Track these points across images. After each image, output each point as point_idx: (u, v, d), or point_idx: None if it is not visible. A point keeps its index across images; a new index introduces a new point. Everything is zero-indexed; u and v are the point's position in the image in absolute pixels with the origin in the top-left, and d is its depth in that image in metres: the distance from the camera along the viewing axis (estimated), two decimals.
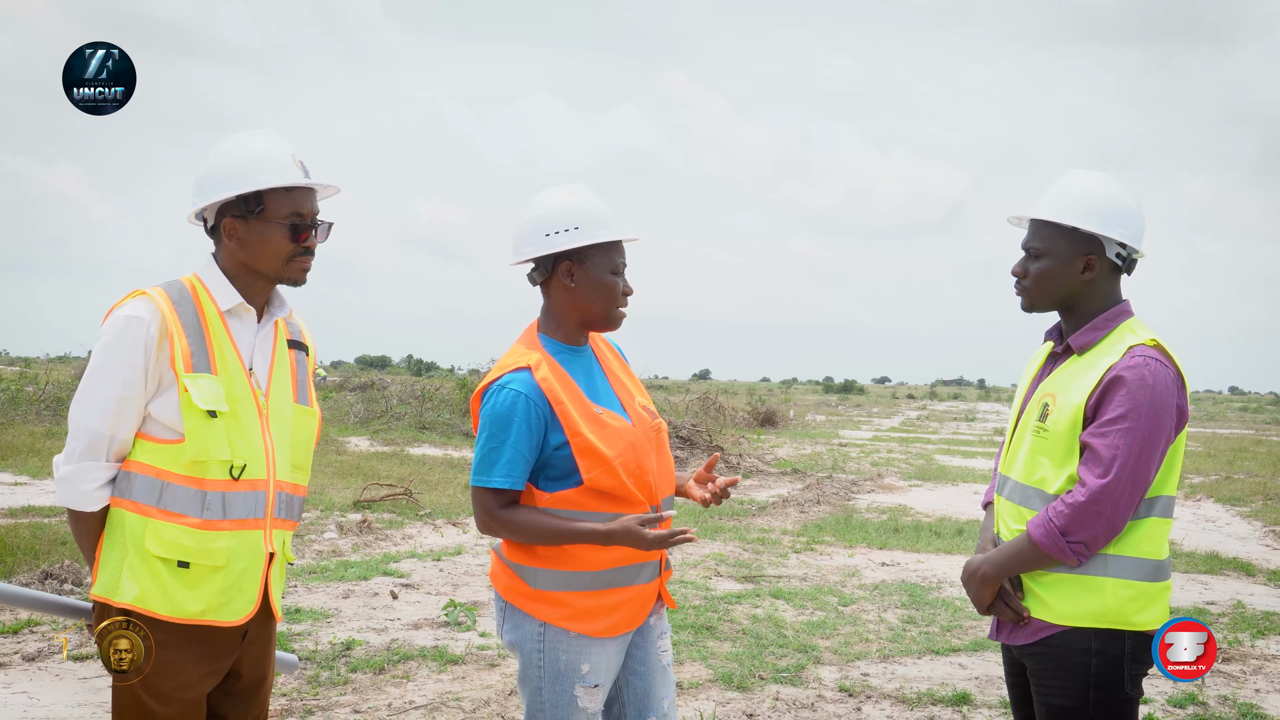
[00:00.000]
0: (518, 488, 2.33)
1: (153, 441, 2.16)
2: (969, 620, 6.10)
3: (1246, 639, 5.89)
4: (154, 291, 2.20)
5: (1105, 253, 2.34)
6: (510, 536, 2.36)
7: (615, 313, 2.45)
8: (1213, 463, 17.80)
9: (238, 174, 2.21)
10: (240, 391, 2.22)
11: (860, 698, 4.72)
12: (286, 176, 2.23)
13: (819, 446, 19.61)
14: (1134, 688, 2.29)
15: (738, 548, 8.40)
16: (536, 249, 2.40)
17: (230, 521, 2.19)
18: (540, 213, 2.41)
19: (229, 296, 2.26)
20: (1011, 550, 2.32)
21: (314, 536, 8.16)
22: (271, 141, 2.28)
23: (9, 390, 17.85)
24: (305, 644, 5.22)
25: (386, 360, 60.14)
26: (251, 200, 2.22)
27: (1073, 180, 2.39)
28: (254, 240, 2.24)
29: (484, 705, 4.43)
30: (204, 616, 2.17)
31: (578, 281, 2.41)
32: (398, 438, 17.13)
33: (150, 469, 2.15)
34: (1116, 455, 2.19)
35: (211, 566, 2.17)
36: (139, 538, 2.14)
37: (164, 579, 2.14)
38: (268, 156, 2.24)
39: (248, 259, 2.25)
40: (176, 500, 2.14)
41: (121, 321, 2.15)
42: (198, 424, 2.14)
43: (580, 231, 2.38)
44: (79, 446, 2.15)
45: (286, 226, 2.25)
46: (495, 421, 2.32)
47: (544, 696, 2.37)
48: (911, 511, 10.93)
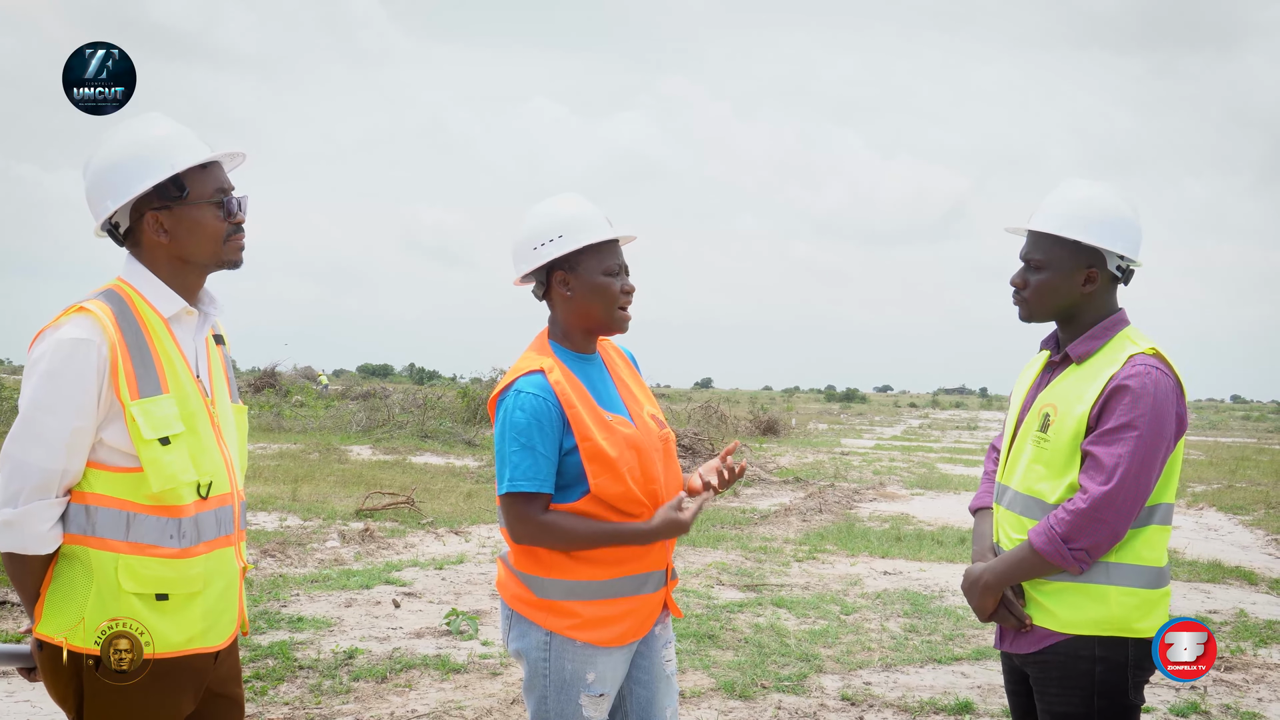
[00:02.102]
0: (549, 490, 2.31)
1: (110, 470, 1.98)
2: (971, 629, 6.09)
3: (1249, 648, 5.88)
4: (95, 306, 1.99)
5: (1106, 265, 2.35)
6: (551, 542, 2.32)
7: (616, 313, 2.45)
8: (1215, 471, 17.77)
9: (148, 163, 2.03)
10: (194, 405, 2.07)
11: (863, 706, 4.72)
12: (202, 152, 2.07)
13: (821, 455, 19.60)
14: (1137, 695, 2.29)
15: (740, 556, 8.39)
16: (529, 263, 2.42)
17: (204, 544, 2.05)
18: (528, 227, 2.44)
19: (170, 302, 2.08)
20: (1013, 559, 2.33)
21: (316, 545, 8.16)
22: (165, 121, 2.10)
23: (11, 399, 17.87)
24: (308, 653, 5.22)
25: (389, 369, 60.20)
26: (172, 186, 2.04)
27: (1072, 191, 2.39)
28: (184, 228, 2.07)
29: (486, 714, 4.43)
30: (189, 646, 2.04)
31: (573, 288, 2.41)
32: (400, 446, 17.13)
33: (113, 500, 1.97)
34: (1119, 463, 2.19)
35: (189, 594, 2.03)
36: (110, 577, 1.96)
37: (142, 615, 1.97)
38: (172, 137, 2.07)
39: (180, 250, 2.08)
40: (148, 531, 1.98)
41: (68, 346, 1.94)
42: (153, 454, 1.97)
43: (565, 239, 2.39)
44: (25, 486, 1.93)
45: (217, 205, 2.09)
46: (514, 426, 2.31)
47: (549, 705, 2.37)
48: (914, 520, 10.92)
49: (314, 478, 12.39)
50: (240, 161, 2.20)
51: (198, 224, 2.08)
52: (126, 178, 2.03)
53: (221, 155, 2.14)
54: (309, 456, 15.00)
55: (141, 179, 2.03)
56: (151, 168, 2.03)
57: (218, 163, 2.13)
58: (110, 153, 2.06)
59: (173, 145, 2.06)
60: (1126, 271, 2.38)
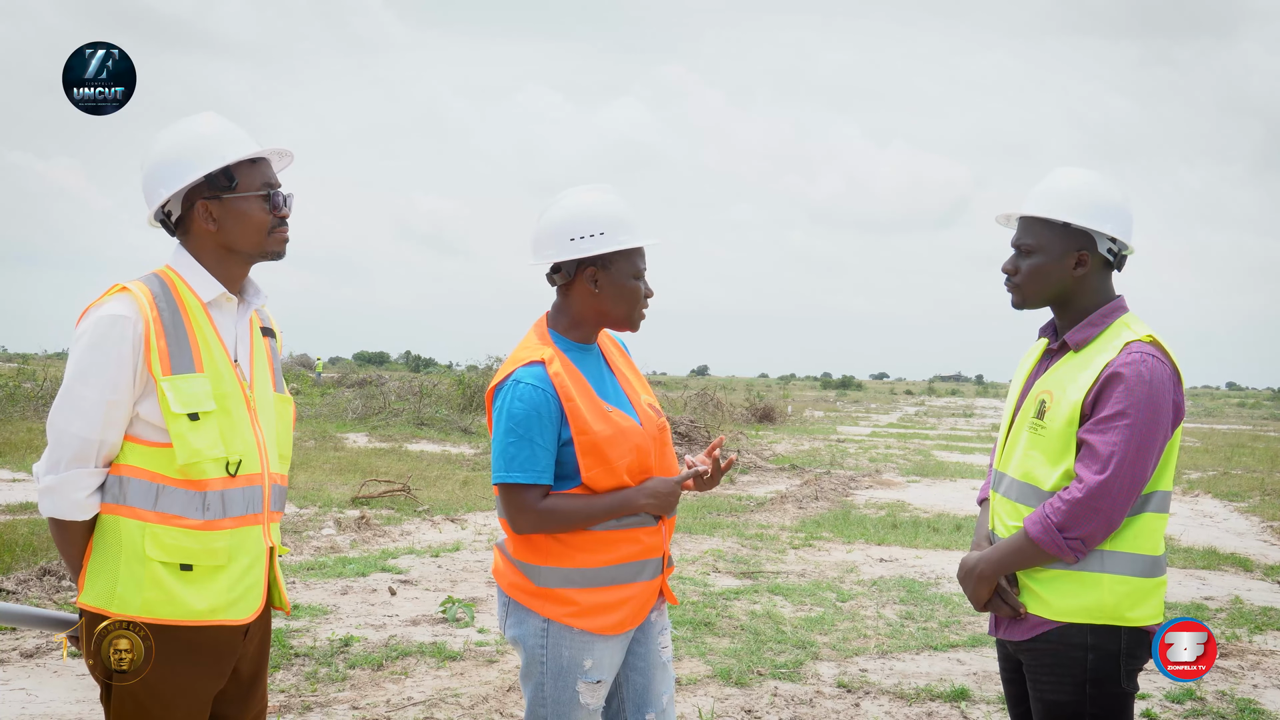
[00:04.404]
0: (547, 481, 2.31)
1: (144, 444, 2.10)
2: (967, 616, 6.10)
3: (1244, 634, 5.89)
4: (135, 287, 2.13)
5: (1097, 248, 2.35)
6: (552, 527, 2.32)
7: (636, 315, 2.44)
8: (1211, 458, 17.82)
9: (201, 154, 2.16)
10: (229, 386, 2.17)
11: (859, 693, 4.73)
12: (251, 147, 2.20)
13: (817, 442, 19.62)
14: (1130, 683, 2.29)
15: (736, 544, 8.40)
16: (560, 253, 2.37)
17: (230, 519, 2.15)
18: (565, 215, 2.38)
19: (210, 287, 2.20)
20: (1008, 547, 2.32)
21: (312, 533, 8.16)
22: (219, 119, 2.24)
23: (7, 387, 17.86)
24: (304, 640, 5.22)
25: (384, 356, 60.13)
26: (222, 177, 2.18)
27: (1061, 177, 2.40)
28: (231, 218, 2.19)
29: (482, 701, 4.44)
30: (212, 616, 2.13)
31: (601, 287, 2.38)
32: (396, 434, 17.13)
33: (144, 473, 2.09)
34: (1115, 451, 2.19)
35: (214, 566, 2.13)
36: (137, 544, 2.08)
37: (167, 583, 2.08)
38: (224, 133, 2.20)
39: (226, 240, 2.20)
40: (174, 503, 2.09)
41: (106, 321, 2.06)
42: (181, 428, 2.08)
43: (605, 237, 2.35)
44: (65, 455, 2.06)
45: (264, 198, 2.21)
46: (513, 417, 2.29)
47: (546, 692, 2.37)
48: (910, 507, 10.94)
49: (310, 465, 12.39)
50: (289, 162, 2.34)
51: (244, 214, 2.20)
52: (181, 168, 2.16)
53: (269, 152, 2.25)
54: (305, 444, 14.99)
55: (194, 168, 2.16)
56: (204, 159, 2.16)
57: (266, 160, 2.26)
58: (167, 145, 2.19)
59: (224, 140, 2.19)
60: (1119, 257, 2.38)
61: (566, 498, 2.32)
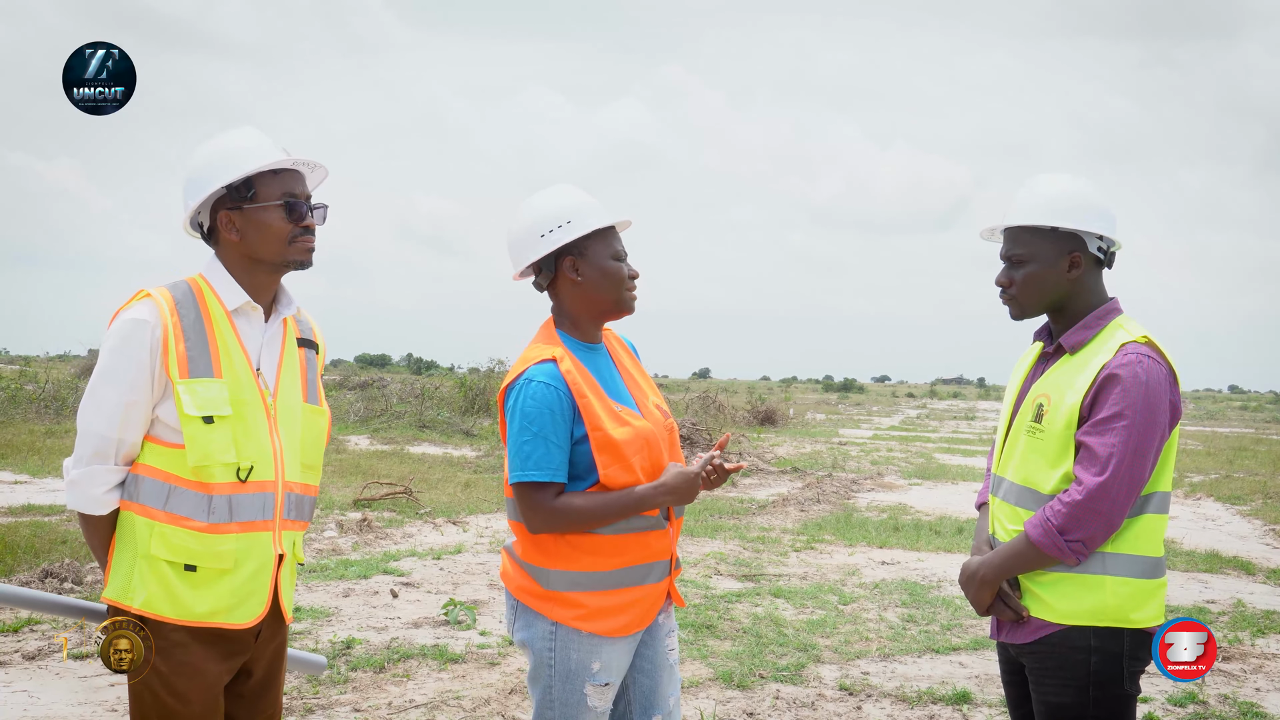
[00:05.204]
0: (562, 480, 2.31)
1: (161, 445, 2.16)
2: (969, 619, 6.10)
3: (1246, 638, 5.89)
4: (158, 293, 2.19)
5: (1087, 248, 2.36)
6: (568, 525, 2.32)
7: (626, 296, 2.45)
8: (1213, 461, 17.81)
9: (222, 166, 2.23)
10: (247, 393, 2.21)
11: (860, 696, 4.73)
12: (270, 158, 2.24)
13: (819, 445, 19.61)
14: (1132, 685, 2.29)
15: (738, 546, 8.40)
16: (535, 252, 2.41)
17: (237, 524, 2.18)
18: (530, 217, 2.43)
19: (235, 295, 2.25)
20: (1009, 551, 2.33)
21: (314, 535, 8.17)
22: (252, 133, 2.29)
23: (9, 389, 17.86)
24: (305, 642, 5.22)
25: (386, 359, 60.13)
26: (242, 188, 2.23)
27: (1040, 184, 2.42)
28: (252, 227, 2.24)
29: (484, 704, 4.44)
30: (213, 619, 2.17)
31: (583, 273, 2.41)
32: (397, 436, 17.14)
33: (159, 472, 2.15)
34: (1113, 453, 2.19)
35: (218, 569, 2.16)
36: (145, 541, 2.14)
37: (170, 582, 2.13)
38: (249, 144, 2.26)
39: (249, 249, 2.25)
40: (183, 504, 2.14)
41: (129, 325, 2.14)
42: (195, 430, 2.13)
43: (573, 224, 2.39)
44: (87, 451, 2.14)
45: (282, 206, 2.25)
46: (526, 415, 2.29)
47: (554, 695, 2.37)
48: (911, 510, 10.94)
49: None
50: (323, 175, 2.39)
51: (263, 224, 2.24)
52: (205, 180, 2.24)
53: (291, 162, 2.29)
54: None
55: (215, 180, 2.23)
56: (225, 171, 2.22)
57: (293, 171, 2.30)
58: (198, 158, 2.27)
59: (247, 152, 2.24)
60: (1108, 254, 2.40)
61: (583, 496, 2.32)
